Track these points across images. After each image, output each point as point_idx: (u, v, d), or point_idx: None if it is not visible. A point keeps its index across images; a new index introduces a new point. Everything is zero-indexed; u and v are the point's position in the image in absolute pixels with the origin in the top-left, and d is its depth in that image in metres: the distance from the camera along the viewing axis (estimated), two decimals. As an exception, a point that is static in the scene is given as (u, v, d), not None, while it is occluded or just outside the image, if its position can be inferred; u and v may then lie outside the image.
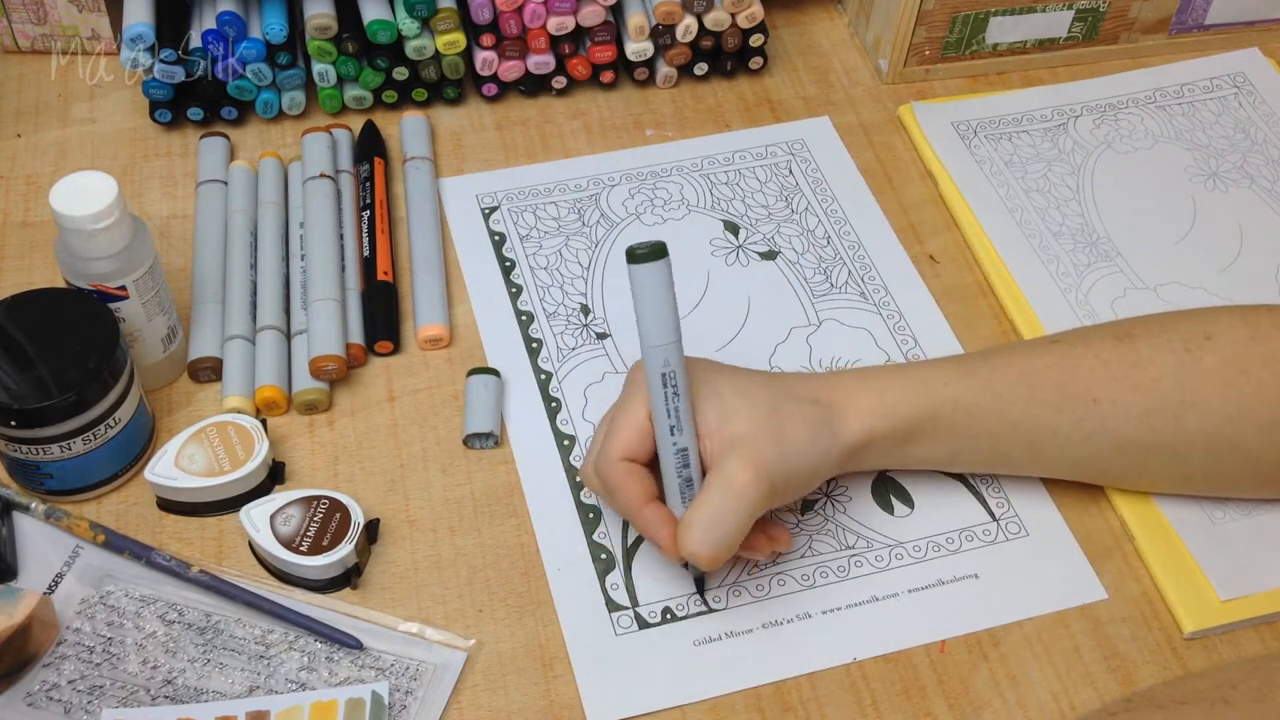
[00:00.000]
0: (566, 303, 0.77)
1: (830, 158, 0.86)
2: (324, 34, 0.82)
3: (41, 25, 0.87)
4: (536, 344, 0.75)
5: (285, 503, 0.65)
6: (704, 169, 0.85)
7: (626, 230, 0.81)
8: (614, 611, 0.65)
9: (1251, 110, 0.90)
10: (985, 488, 0.70)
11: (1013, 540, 0.68)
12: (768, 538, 0.64)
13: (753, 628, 0.65)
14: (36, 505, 0.65)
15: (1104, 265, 0.80)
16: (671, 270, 0.59)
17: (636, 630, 0.64)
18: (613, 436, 0.62)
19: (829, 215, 0.83)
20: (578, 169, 0.85)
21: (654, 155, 0.86)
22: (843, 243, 0.81)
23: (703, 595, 0.66)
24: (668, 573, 0.66)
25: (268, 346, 0.72)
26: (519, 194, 0.83)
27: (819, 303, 0.78)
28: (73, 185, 0.64)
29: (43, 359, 0.63)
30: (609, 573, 0.66)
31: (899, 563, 0.67)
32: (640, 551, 0.67)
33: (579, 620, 0.64)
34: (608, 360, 0.75)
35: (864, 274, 0.80)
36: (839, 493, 0.70)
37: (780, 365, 0.75)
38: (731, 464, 0.60)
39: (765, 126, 0.88)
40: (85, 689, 0.60)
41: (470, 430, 0.70)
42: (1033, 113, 0.89)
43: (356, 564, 0.65)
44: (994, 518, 0.69)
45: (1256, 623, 0.66)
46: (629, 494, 0.62)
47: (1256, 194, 0.85)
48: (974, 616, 0.65)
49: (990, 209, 0.83)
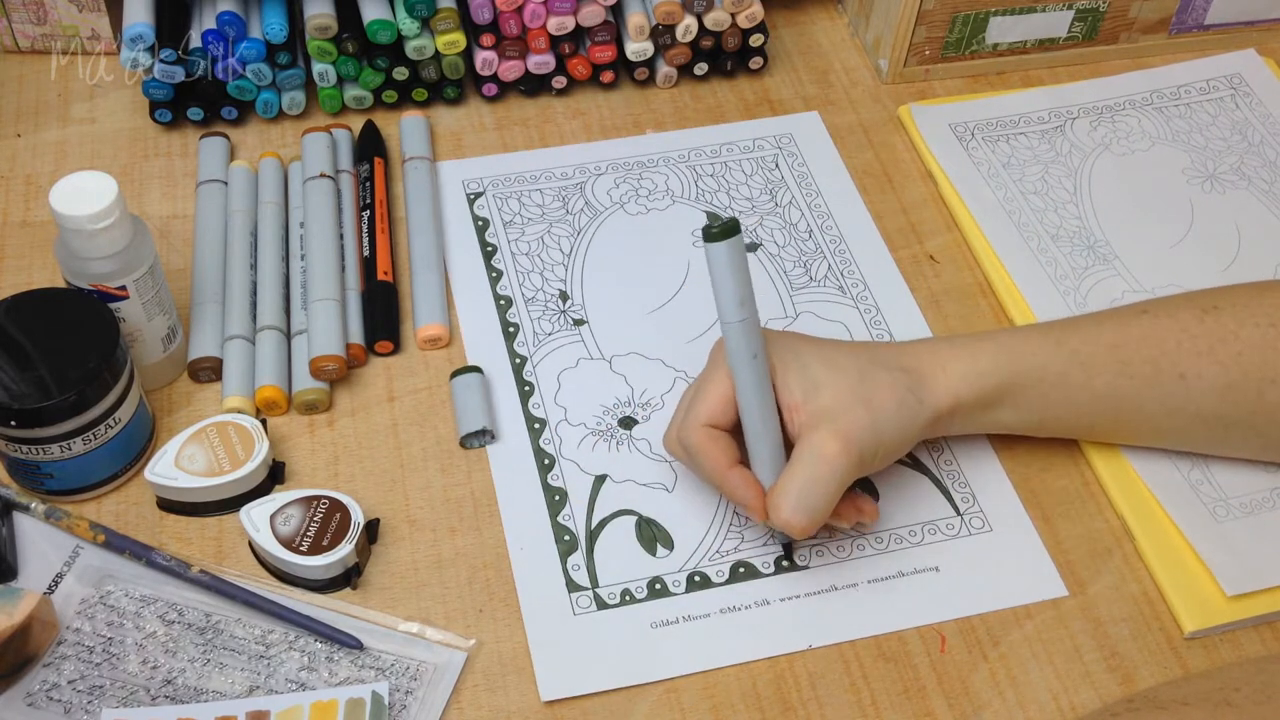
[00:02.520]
0: (545, 289, 0.78)
1: (817, 152, 0.87)
2: (324, 34, 0.82)
3: (41, 25, 0.87)
4: (513, 328, 0.76)
5: (285, 503, 0.65)
6: (691, 160, 0.86)
7: (609, 219, 0.82)
8: (574, 592, 0.65)
9: (1248, 112, 0.90)
10: (951, 482, 0.70)
11: (976, 535, 0.69)
12: (855, 508, 0.65)
13: (710, 612, 0.65)
14: (37, 505, 0.65)
15: (1102, 268, 0.80)
16: (744, 247, 0.61)
17: (595, 610, 0.65)
18: (696, 404, 0.64)
19: (812, 209, 0.83)
20: (565, 157, 0.86)
21: (643, 146, 0.87)
22: (824, 236, 0.82)
23: (791, 558, 0.67)
24: (628, 556, 0.67)
25: (268, 346, 0.72)
26: (505, 180, 0.84)
27: (797, 295, 0.79)
28: (73, 185, 0.64)
29: (43, 359, 0.63)
30: (571, 554, 0.67)
31: (860, 553, 0.68)
32: (603, 534, 0.67)
33: (538, 598, 0.65)
34: (583, 346, 0.75)
35: (844, 268, 0.80)
36: None
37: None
38: (820, 435, 0.62)
39: (754, 120, 0.88)
40: (85, 689, 0.60)
41: (465, 430, 0.70)
42: (1030, 114, 0.89)
43: (356, 564, 0.65)
44: (958, 512, 0.69)
45: (1256, 623, 0.66)
46: (713, 458, 0.63)
47: (1254, 195, 0.85)
48: (931, 609, 0.66)
49: (988, 212, 0.83)
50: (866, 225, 0.83)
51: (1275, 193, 0.85)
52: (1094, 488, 0.70)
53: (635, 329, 0.76)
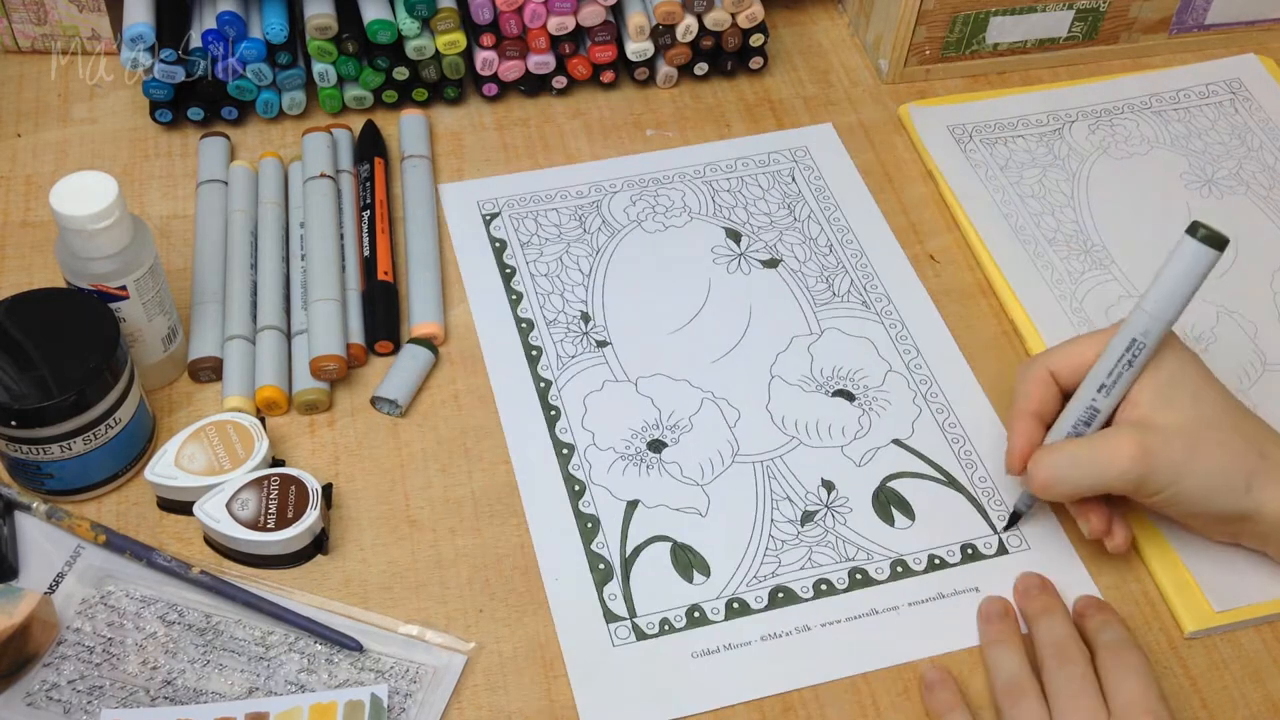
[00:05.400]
0: (567, 310, 0.77)
1: (833, 165, 0.86)
2: (324, 34, 0.82)
3: (41, 25, 0.87)
4: (536, 352, 0.75)
5: (235, 489, 0.65)
6: (706, 175, 0.85)
7: (627, 237, 0.81)
8: (611, 622, 0.64)
9: (1248, 116, 0.90)
10: (987, 500, 0.70)
11: (1014, 554, 0.68)
12: (1105, 520, 0.65)
13: (751, 640, 0.64)
14: (38, 505, 0.65)
15: (1098, 272, 0.80)
16: (1214, 266, 0.61)
17: (634, 641, 0.64)
18: (1057, 350, 0.66)
19: (831, 223, 0.82)
20: (579, 175, 0.84)
21: (656, 161, 0.86)
22: (845, 251, 0.81)
23: (1011, 526, 0.68)
24: (665, 584, 0.66)
25: (268, 346, 0.72)
26: (520, 200, 0.83)
27: (821, 311, 0.78)
28: (73, 185, 0.64)
29: (43, 359, 0.63)
30: (607, 583, 0.66)
31: (900, 575, 0.67)
32: (638, 562, 0.66)
33: (576, 630, 0.64)
34: (607, 368, 0.74)
35: (866, 282, 0.79)
36: (839, 504, 0.69)
37: (781, 374, 0.74)
38: (1127, 433, 0.62)
39: (768, 133, 0.88)
40: (85, 689, 0.60)
41: (377, 393, 0.71)
42: (1028, 117, 0.89)
43: (324, 529, 0.65)
44: (995, 531, 0.68)
45: (1257, 623, 0.66)
46: (1026, 398, 0.65)
47: (1251, 201, 0.85)
48: (974, 630, 0.65)
49: (985, 214, 0.83)
50: (887, 239, 0.82)
51: (1273, 198, 0.85)
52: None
53: (659, 349, 0.75)
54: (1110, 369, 0.63)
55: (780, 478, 0.70)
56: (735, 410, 0.73)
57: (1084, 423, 0.64)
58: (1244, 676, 0.64)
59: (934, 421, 0.73)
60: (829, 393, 0.74)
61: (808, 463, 0.71)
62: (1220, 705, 0.63)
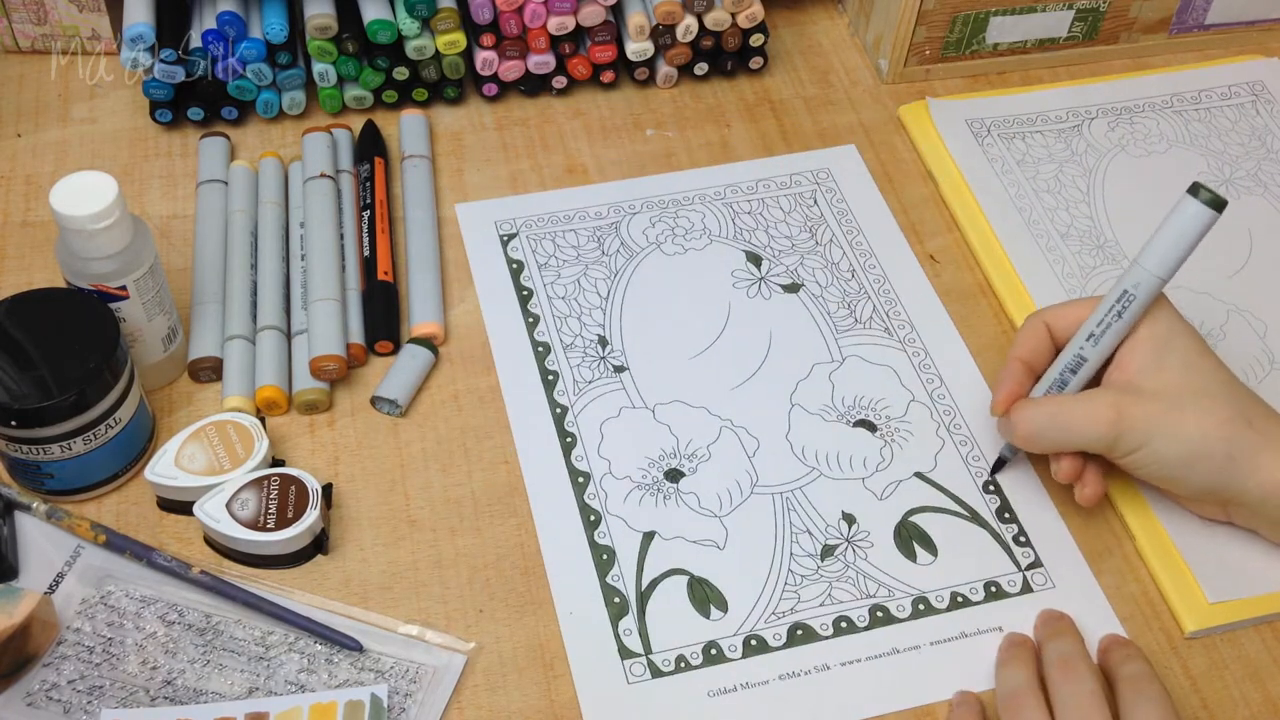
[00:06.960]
0: (584, 334, 0.75)
1: (856, 188, 0.84)
2: (324, 34, 0.82)
3: (41, 25, 0.87)
4: (553, 376, 0.73)
5: (235, 489, 0.65)
6: (726, 197, 0.83)
7: (646, 259, 0.80)
8: (627, 659, 0.63)
9: (1269, 119, 0.90)
10: (1010, 535, 0.68)
11: (1039, 592, 0.66)
12: (1079, 471, 0.66)
13: (769, 679, 0.63)
14: (38, 505, 0.65)
15: (1110, 268, 0.80)
16: (1210, 228, 0.61)
17: (649, 679, 0.62)
18: (1056, 306, 0.68)
19: (854, 247, 0.81)
20: (598, 196, 0.83)
21: (676, 183, 0.84)
22: (868, 276, 0.79)
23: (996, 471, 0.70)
24: (681, 619, 0.64)
25: (268, 346, 0.72)
26: (538, 221, 0.81)
27: (842, 338, 0.76)
28: (73, 185, 0.64)
29: (43, 359, 0.63)
30: (622, 617, 0.64)
31: (922, 613, 0.65)
32: (654, 596, 0.65)
33: (590, 667, 0.62)
34: (625, 394, 0.73)
35: (889, 309, 0.78)
36: (860, 538, 0.68)
37: (801, 403, 0.73)
38: (1108, 395, 0.64)
39: (790, 154, 0.87)
40: (85, 689, 0.60)
41: (377, 393, 0.71)
42: (1047, 113, 0.89)
43: (324, 529, 0.65)
44: (1019, 568, 0.67)
45: (1257, 623, 0.66)
46: (1020, 344, 0.68)
47: (1268, 201, 0.85)
48: None
49: (999, 207, 0.83)
50: (911, 264, 0.80)
51: (1291, 201, 0.85)
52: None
53: (677, 375, 0.74)
54: (1100, 319, 0.64)
55: (800, 510, 0.69)
56: (754, 439, 0.71)
57: (1070, 370, 0.66)
58: (1244, 677, 0.64)
59: (957, 454, 0.71)
60: (850, 423, 0.72)
61: (828, 495, 0.69)
62: (1220, 705, 0.63)
